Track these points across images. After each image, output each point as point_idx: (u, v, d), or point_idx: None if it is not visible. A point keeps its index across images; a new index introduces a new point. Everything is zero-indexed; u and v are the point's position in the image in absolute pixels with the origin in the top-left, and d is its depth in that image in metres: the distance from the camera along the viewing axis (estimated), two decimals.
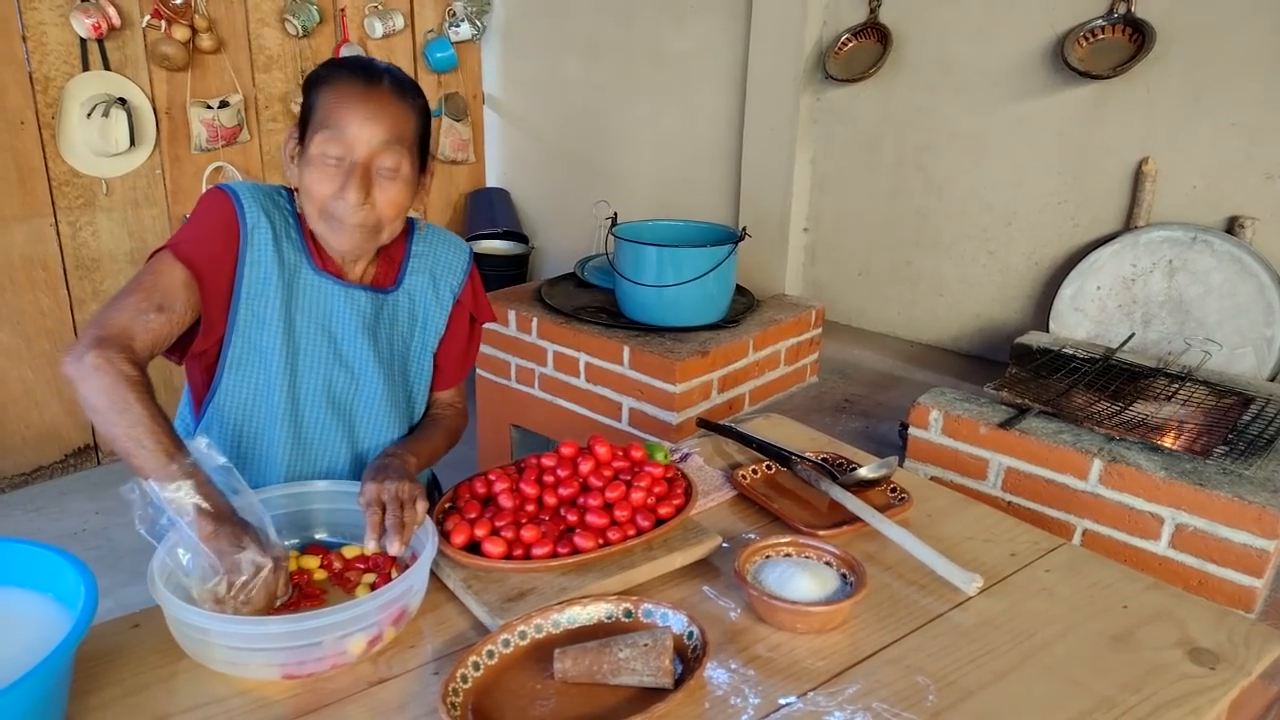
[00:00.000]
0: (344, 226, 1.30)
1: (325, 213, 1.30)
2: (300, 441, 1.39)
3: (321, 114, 1.27)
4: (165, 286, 1.23)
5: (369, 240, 1.33)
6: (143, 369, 1.18)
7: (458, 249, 1.53)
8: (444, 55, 3.98)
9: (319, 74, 1.31)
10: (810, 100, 3.10)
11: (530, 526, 1.23)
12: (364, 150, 1.27)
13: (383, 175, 1.29)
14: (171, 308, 1.23)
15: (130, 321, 1.19)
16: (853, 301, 3.22)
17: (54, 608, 1.00)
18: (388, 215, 1.31)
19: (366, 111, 1.26)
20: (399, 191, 1.31)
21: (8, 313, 3.19)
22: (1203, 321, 2.39)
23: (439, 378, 1.55)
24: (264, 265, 1.32)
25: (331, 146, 1.26)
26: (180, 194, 3.48)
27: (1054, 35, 2.59)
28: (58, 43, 3.10)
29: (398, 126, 1.28)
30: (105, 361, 1.13)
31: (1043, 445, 1.79)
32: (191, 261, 1.26)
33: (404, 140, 1.30)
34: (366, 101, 1.26)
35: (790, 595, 1.16)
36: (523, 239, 4.20)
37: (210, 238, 1.29)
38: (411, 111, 1.32)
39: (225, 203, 1.32)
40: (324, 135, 1.26)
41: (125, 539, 3.03)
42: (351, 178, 1.26)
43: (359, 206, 1.27)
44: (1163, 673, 1.10)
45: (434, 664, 1.08)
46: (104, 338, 1.15)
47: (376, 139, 1.26)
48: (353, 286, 1.39)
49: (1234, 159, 2.37)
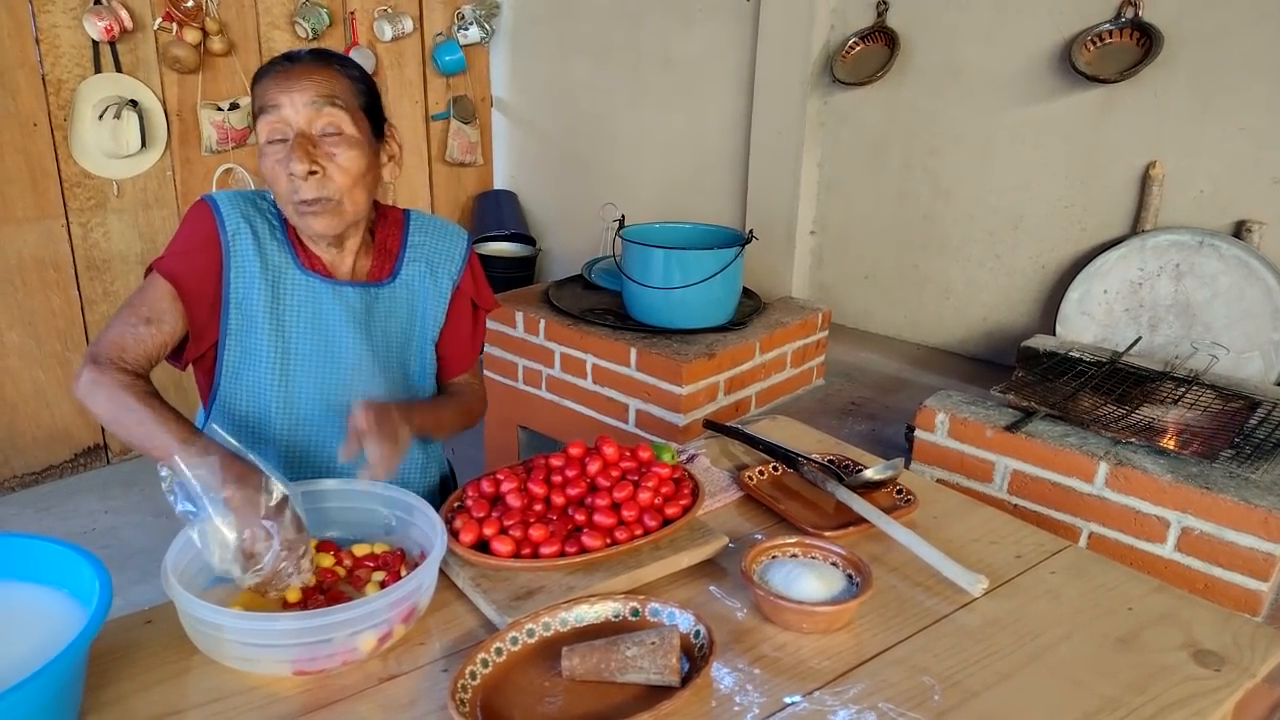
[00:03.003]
0: (307, 207, 1.31)
1: (288, 200, 1.32)
2: (298, 440, 1.41)
3: (259, 103, 1.32)
4: (151, 301, 1.30)
5: (335, 217, 1.33)
6: (140, 376, 1.25)
7: (455, 237, 1.53)
8: (453, 58, 4.00)
9: (254, 74, 1.36)
10: (817, 104, 3.11)
11: (538, 526, 1.24)
12: (298, 118, 1.29)
13: (325, 140, 1.30)
14: (160, 320, 1.30)
15: (120, 337, 1.27)
16: (859, 304, 3.22)
17: (69, 603, 1.01)
18: (343, 183, 1.31)
19: (290, 82, 1.29)
20: (347, 155, 1.31)
21: (19, 313, 3.21)
22: (1210, 325, 2.39)
23: (446, 367, 1.56)
24: (248, 270, 1.35)
25: (270, 128, 1.30)
26: (190, 195, 3.50)
27: (1061, 39, 2.59)
28: (70, 45, 3.12)
29: (324, 87, 1.30)
30: (99, 374, 1.21)
31: (1049, 448, 1.79)
32: (174, 276, 1.32)
33: (335, 99, 1.30)
34: (289, 75, 1.30)
35: (796, 595, 1.16)
36: (530, 241, 4.22)
37: (192, 251, 1.34)
38: (340, 75, 1.33)
39: (205, 214, 1.36)
40: (264, 120, 1.30)
41: (135, 538, 3.05)
42: (293, 149, 1.28)
43: (306, 176, 1.28)
44: (1167, 675, 1.11)
45: (443, 661, 1.09)
46: (97, 354, 1.24)
47: (306, 102, 1.28)
48: (341, 284, 1.41)
49: (1241, 163, 2.37)
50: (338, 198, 1.32)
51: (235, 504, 1.09)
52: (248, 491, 1.10)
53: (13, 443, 3.30)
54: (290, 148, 1.29)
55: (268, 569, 1.09)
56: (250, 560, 1.09)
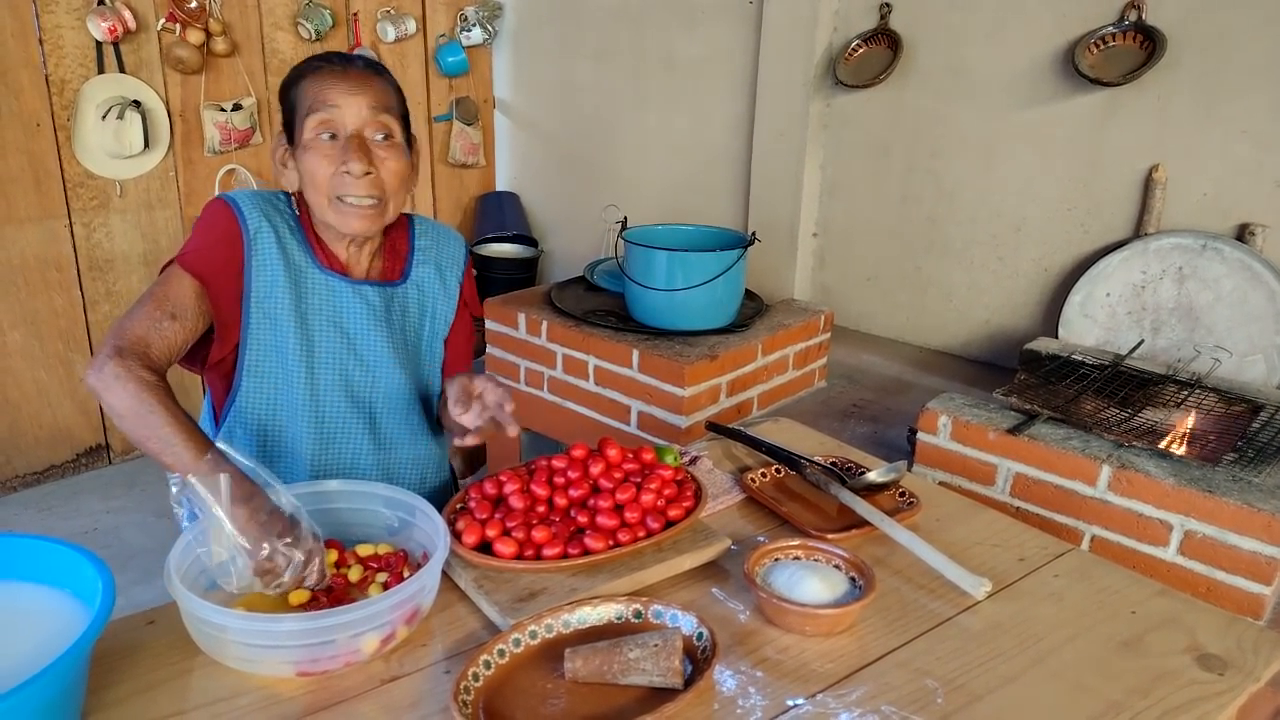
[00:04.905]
0: (352, 208, 1.34)
1: (333, 195, 1.34)
2: (323, 436, 1.42)
3: (309, 101, 1.33)
4: (176, 296, 1.29)
5: (377, 218, 1.37)
6: (161, 374, 1.23)
7: (457, 241, 1.58)
8: (455, 59, 4.00)
9: (297, 70, 1.37)
10: (820, 106, 3.11)
11: (541, 527, 1.24)
12: (355, 121, 1.32)
13: (378, 144, 1.34)
14: (184, 316, 1.29)
15: (146, 331, 1.25)
16: (862, 307, 3.22)
17: (72, 604, 1.01)
18: (392, 185, 1.36)
19: (349, 85, 1.32)
20: (397, 160, 1.36)
21: (22, 313, 3.21)
22: (1212, 329, 2.39)
23: (447, 368, 1.58)
24: (270, 268, 1.36)
25: (325, 126, 1.32)
26: (193, 196, 3.50)
27: (1064, 42, 2.59)
28: (74, 45, 3.12)
29: (381, 97, 1.35)
30: (125, 370, 1.19)
31: (1051, 451, 1.79)
32: (198, 271, 1.31)
33: (390, 110, 1.36)
34: (346, 78, 1.33)
35: (799, 598, 1.16)
36: (532, 243, 4.22)
37: (214, 246, 1.34)
38: (389, 87, 1.38)
39: (226, 212, 1.36)
40: (316, 117, 1.32)
41: (136, 538, 3.05)
42: (350, 148, 1.31)
43: (362, 175, 1.32)
44: (1171, 678, 1.11)
45: (445, 662, 1.09)
46: (122, 347, 1.21)
47: (365, 108, 1.33)
48: (360, 282, 1.43)
49: (1244, 166, 2.37)
50: (386, 199, 1.36)
51: (246, 525, 1.09)
52: (259, 512, 1.10)
53: (14, 442, 3.30)
54: (346, 147, 1.32)
55: (288, 584, 1.10)
56: (268, 577, 1.09)
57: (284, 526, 1.11)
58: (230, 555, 1.09)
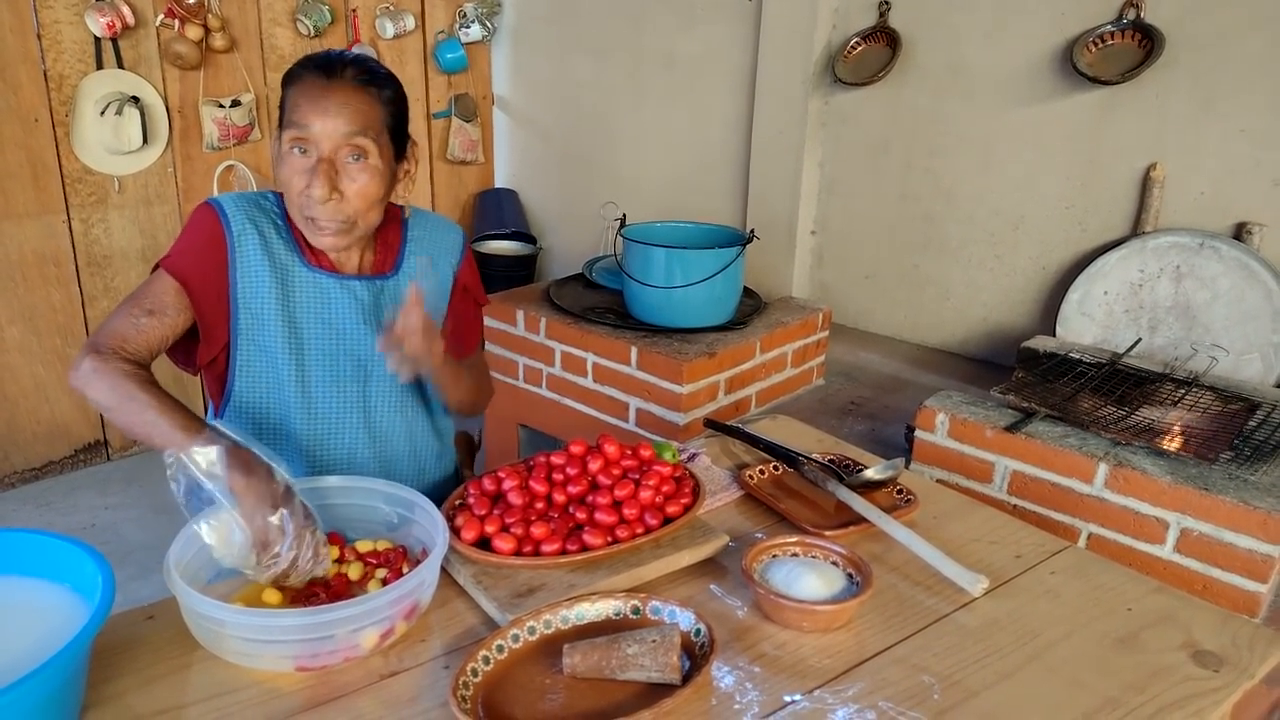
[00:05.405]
0: (317, 224, 1.33)
1: (300, 209, 1.34)
2: (318, 432, 1.43)
3: (289, 111, 1.32)
4: (154, 294, 1.31)
5: (344, 235, 1.36)
6: (142, 366, 1.25)
7: (452, 230, 1.58)
8: (454, 56, 4.00)
9: (290, 71, 1.35)
10: (819, 104, 3.11)
11: (540, 524, 1.24)
12: (327, 145, 1.30)
13: (350, 164, 1.32)
14: (163, 312, 1.30)
15: (122, 327, 1.27)
16: (860, 304, 3.22)
17: (72, 598, 1.01)
18: (358, 207, 1.34)
19: (326, 106, 1.29)
20: (368, 182, 1.33)
21: (20, 308, 3.21)
22: (1209, 327, 2.39)
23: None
24: (255, 269, 1.36)
25: (297, 143, 1.31)
26: (191, 192, 3.50)
27: (1063, 40, 2.59)
28: (72, 41, 3.12)
29: (360, 118, 1.31)
30: (101, 363, 1.21)
31: (1048, 449, 1.80)
32: (179, 273, 1.33)
33: (369, 130, 1.32)
34: (327, 96, 1.29)
35: (797, 594, 1.17)
36: (531, 240, 4.22)
37: (197, 250, 1.35)
38: (377, 101, 1.34)
39: (210, 216, 1.37)
40: (290, 132, 1.31)
41: (135, 534, 3.05)
42: (318, 172, 1.30)
43: (324, 201, 1.30)
44: (1166, 675, 1.11)
45: (444, 658, 1.10)
46: (98, 344, 1.24)
47: (338, 133, 1.30)
48: (347, 278, 1.43)
49: (1242, 165, 2.37)
50: (354, 219, 1.35)
51: (242, 493, 1.10)
52: (254, 481, 1.11)
53: (13, 438, 3.30)
54: (313, 170, 1.30)
55: (284, 559, 1.10)
56: (265, 551, 1.09)
57: (280, 498, 1.11)
58: (229, 529, 1.09)
